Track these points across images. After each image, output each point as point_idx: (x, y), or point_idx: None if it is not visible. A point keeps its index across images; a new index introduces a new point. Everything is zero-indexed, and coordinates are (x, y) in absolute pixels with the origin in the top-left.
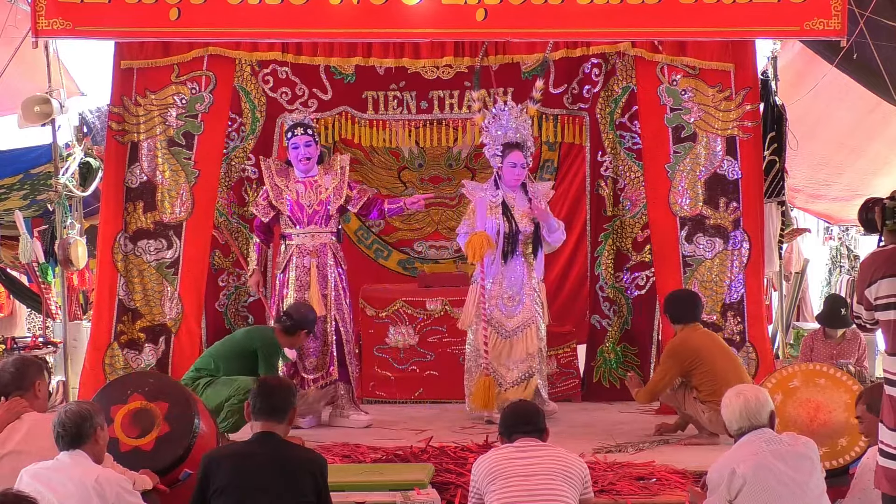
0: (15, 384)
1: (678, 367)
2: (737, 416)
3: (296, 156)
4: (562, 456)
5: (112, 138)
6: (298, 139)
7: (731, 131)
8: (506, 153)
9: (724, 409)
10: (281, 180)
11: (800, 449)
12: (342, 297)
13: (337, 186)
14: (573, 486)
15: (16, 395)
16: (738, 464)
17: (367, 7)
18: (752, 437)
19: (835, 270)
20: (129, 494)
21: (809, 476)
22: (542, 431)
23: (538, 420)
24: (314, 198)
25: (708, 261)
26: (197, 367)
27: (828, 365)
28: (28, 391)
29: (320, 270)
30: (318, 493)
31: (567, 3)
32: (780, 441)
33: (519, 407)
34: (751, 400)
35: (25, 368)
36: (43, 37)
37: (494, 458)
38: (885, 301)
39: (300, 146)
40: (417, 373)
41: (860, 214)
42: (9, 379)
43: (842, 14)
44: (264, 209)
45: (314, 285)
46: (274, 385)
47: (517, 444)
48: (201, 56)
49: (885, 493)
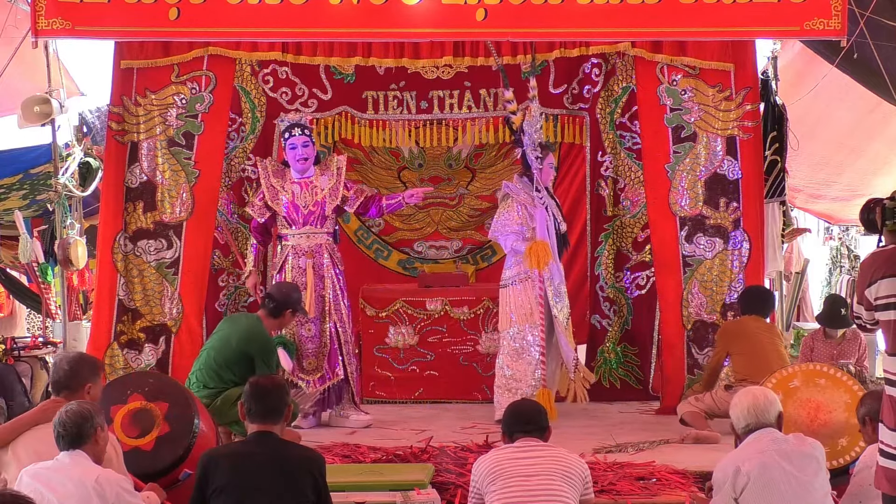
0: (65, 383)
1: (724, 345)
2: (745, 413)
3: (293, 156)
4: (562, 456)
5: (112, 138)
6: (296, 139)
7: (731, 131)
8: (544, 154)
9: (734, 407)
10: (277, 181)
11: (806, 449)
12: (340, 298)
13: (333, 187)
14: (573, 486)
15: (64, 394)
16: (742, 462)
17: (367, 7)
18: (759, 435)
19: (835, 270)
20: (130, 495)
21: (814, 476)
22: (544, 430)
23: (540, 419)
24: (310, 198)
25: (708, 261)
26: (204, 384)
27: (828, 365)
28: (76, 392)
29: (316, 271)
30: (317, 492)
31: (567, 3)
32: (786, 441)
33: (520, 406)
34: (759, 398)
35: (79, 368)
36: (43, 37)
37: (495, 458)
38: (885, 301)
39: (298, 146)
40: (417, 373)
41: (862, 214)
42: (61, 376)
43: (842, 14)
44: (260, 209)
45: (310, 286)
46: (267, 387)
47: (518, 443)
48: (201, 56)
49: (885, 493)
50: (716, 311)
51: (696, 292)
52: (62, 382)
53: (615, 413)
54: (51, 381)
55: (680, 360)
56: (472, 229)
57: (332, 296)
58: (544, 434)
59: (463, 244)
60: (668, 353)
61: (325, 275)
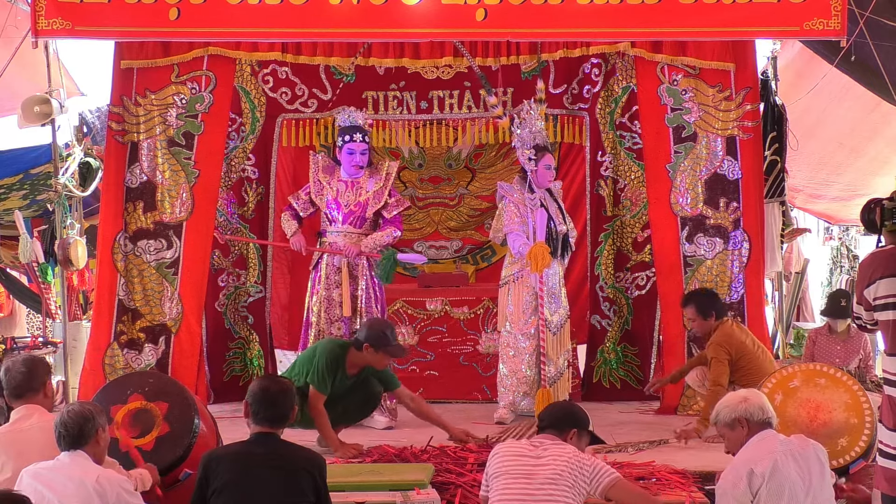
0: (27, 385)
1: (728, 359)
2: (763, 406)
3: (350, 161)
4: (567, 454)
5: (112, 138)
6: (355, 145)
7: (731, 131)
8: (539, 155)
9: (746, 399)
10: (325, 177)
11: (810, 451)
12: (372, 301)
13: (378, 190)
14: (578, 485)
15: (28, 396)
16: (755, 463)
17: (367, 7)
18: (766, 435)
19: (835, 270)
20: (130, 495)
21: (821, 478)
22: (562, 431)
23: (560, 419)
24: (352, 198)
25: (708, 261)
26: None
27: (828, 365)
28: (38, 392)
29: (350, 271)
30: (317, 492)
31: (567, 3)
32: (790, 442)
33: (552, 406)
34: (762, 397)
35: (35, 368)
36: (43, 37)
37: (506, 452)
38: (884, 301)
39: (356, 153)
40: (417, 373)
41: (862, 215)
42: (21, 380)
43: (842, 14)
44: (304, 204)
45: (344, 284)
46: (275, 392)
47: (534, 439)
48: (201, 56)
49: (884, 493)
50: None
51: None
52: (24, 385)
53: (615, 413)
54: (8, 389)
55: (680, 360)
56: (471, 229)
57: (365, 297)
58: (564, 434)
59: (463, 244)
60: (669, 353)
61: (360, 275)
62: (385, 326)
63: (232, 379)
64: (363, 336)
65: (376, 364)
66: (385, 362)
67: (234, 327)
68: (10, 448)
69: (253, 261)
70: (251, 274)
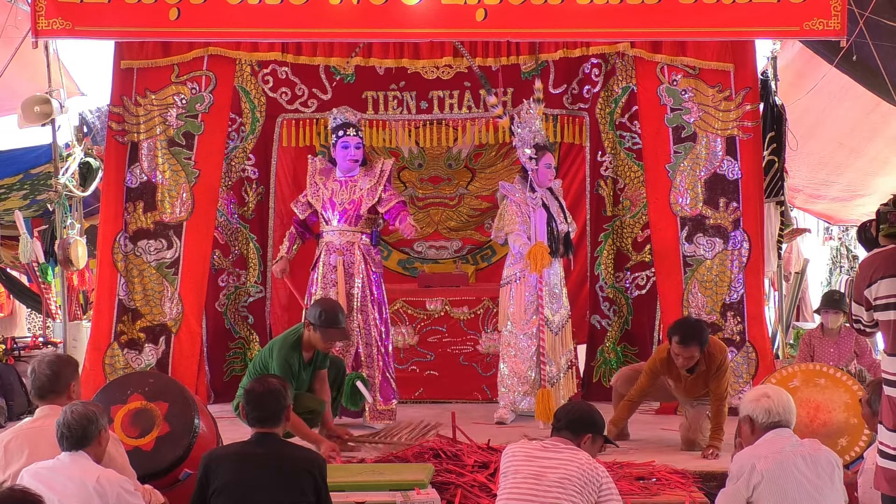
0: (50, 387)
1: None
2: (776, 407)
3: (344, 155)
4: (579, 460)
5: (112, 138)
6: (350, 140)
7: (730, 131)
8: (539, 154)
9: (760, 399)
10: (321, 178)
11: (822, 455)
12: (368, 298)
13: (372, 188)
14: (586, 493)
15: (51, 398)
16: (759, 459)
17: (367, 7)
18: (778, 434)
19: (835, 270)
20: (130, 495)
21: (830, 483)
22: (578, 435)
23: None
24: (346, 196)
25: (708, 261)
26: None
27: (828, 365)
28: (62, 395)
29: (347, 269)
30: (317, 492)
31: (567, 3)
32: (802, 445)
33: (570, 407)
34: (783, 396)
35: (62, 371)
36: (43, 37)
37: (518, 452)
38: (884, 301)
39: (350, 147)
40: (417, 373)
41: (859, 234)
42: (45, 381)
43: (841, 14)
44: (303, 206)
45: (340, 283)
46: (261, 393)
47: (546, 441)
48: (201, 56)
49: (884, 493)
50: (716, 312)
51: (696, 293)
52: (47, 387)
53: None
54: (33, 389)
55: None
56: (471, 229)
57: (361, 295)
58: (577, 438)
59: (463, 244)
60: None
61: (356, 273)
62: (326, 306)
63: (232, 379)
64: (306, 314)
65: (318, 344)
66: (325, 344)
67: (235, 327)
68: (26, 443)
69: (253, 261)
70: (251, 274)
